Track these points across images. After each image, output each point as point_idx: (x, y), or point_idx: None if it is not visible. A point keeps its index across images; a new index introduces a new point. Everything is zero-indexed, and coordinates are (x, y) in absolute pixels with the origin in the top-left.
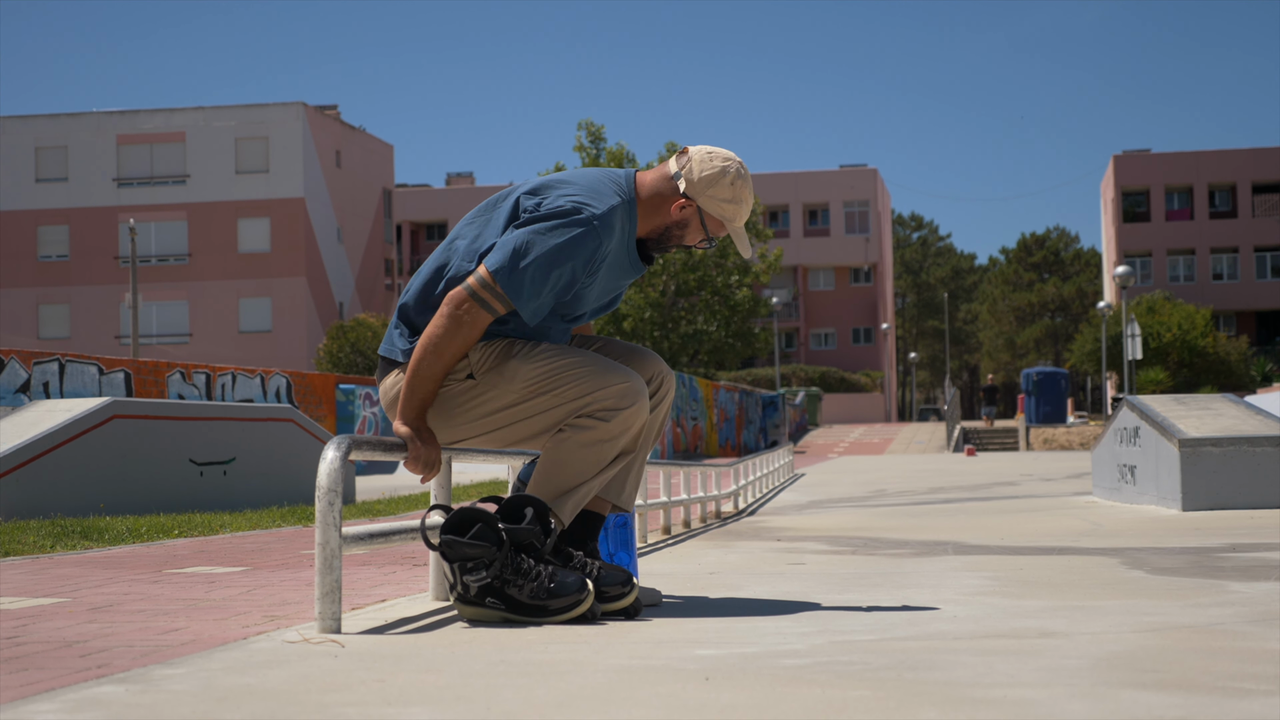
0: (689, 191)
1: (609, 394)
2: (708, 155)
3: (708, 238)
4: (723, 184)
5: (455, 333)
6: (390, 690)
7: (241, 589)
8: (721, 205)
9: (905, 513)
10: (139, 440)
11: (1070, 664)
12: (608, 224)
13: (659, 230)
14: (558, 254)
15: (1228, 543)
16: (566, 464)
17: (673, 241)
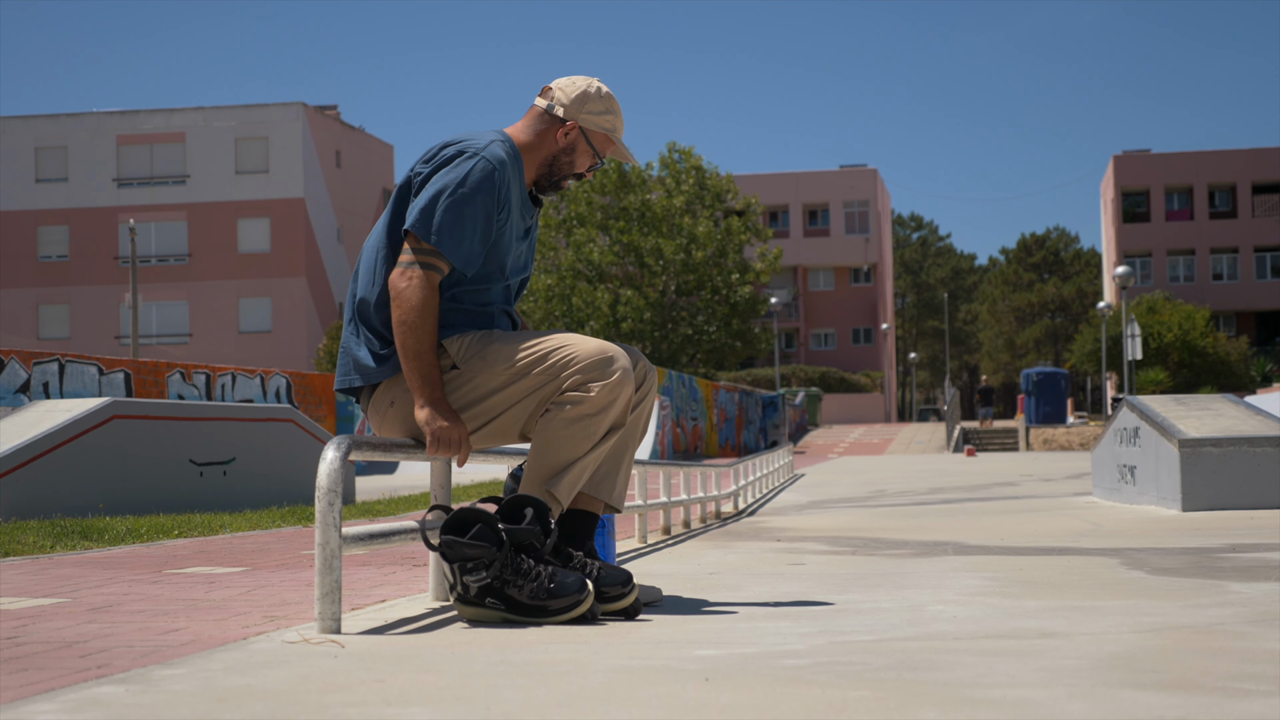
0: (567, 115)
1: (593, 364)
2: (569, 81)
3: (597, 157)
4: (594, 99)
5: (415, 302)
6: (390, 690)
7: (241, 589)
8: (599, 118)
9: (905, 513)
10: (139, 440)
11: (1070, 664)
12: (496, 155)
13: (547, 163)
14: (463, 190)
15: (1228, 543)
16: (557, 443)
17: (563, 170)
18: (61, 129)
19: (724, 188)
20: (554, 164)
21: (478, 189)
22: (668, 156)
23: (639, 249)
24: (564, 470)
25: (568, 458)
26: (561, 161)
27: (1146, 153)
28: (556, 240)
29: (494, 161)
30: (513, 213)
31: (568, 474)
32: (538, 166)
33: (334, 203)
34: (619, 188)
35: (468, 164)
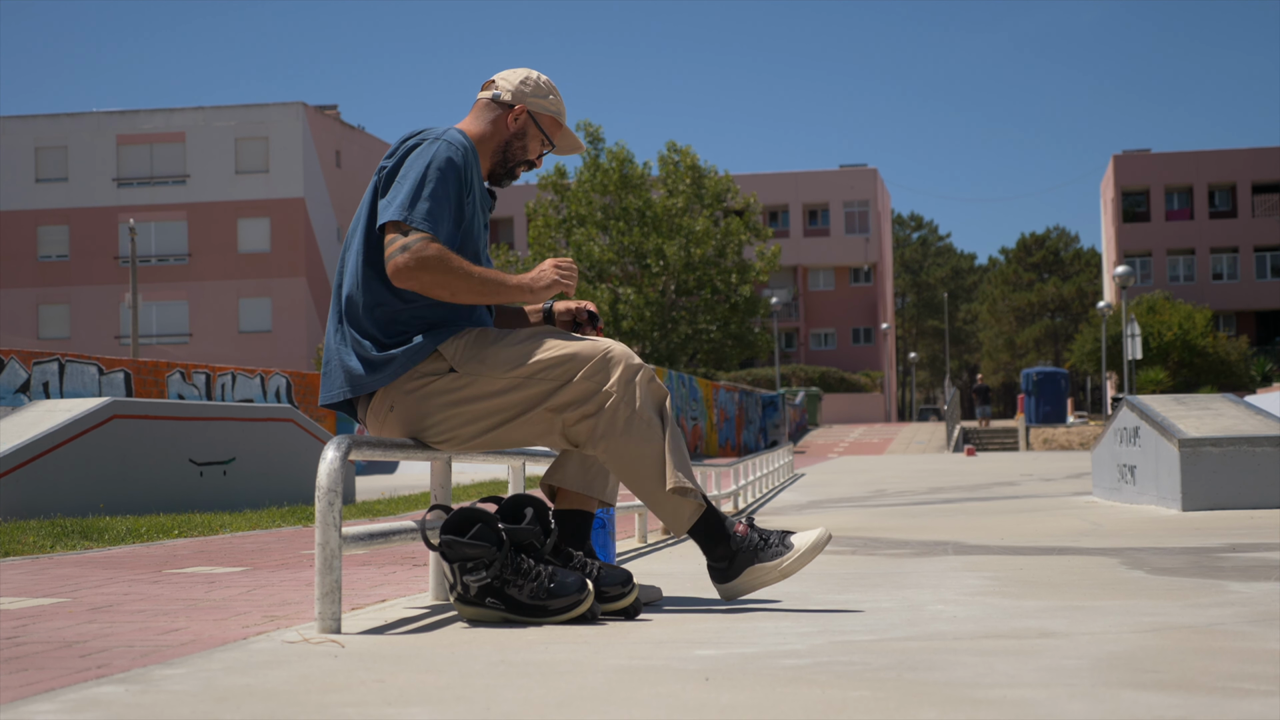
0: (515, 99)
1: (595, 366)
2: (510, 72)
3: (547, 142)
4: (536, 84)
5: (441, 272)
6: (390, 690)
7: (241, 589)
8: (545, 101)
9: (905, 513)
10: (139, 440)
11: (1070, 664)
12: (456, 141)
13: (500, 150)
14: (431, 172)
15: (1228, 543)
16: (636, 457)
17: (516, 157)
18: (61, 129)
19: (724, 187)
20: (507, 150)
21: (446, 170)
22: (666, 156)
23: (639, 249)
24: (663, 467)
25: (654, 455)
26: (514, 147)
27: (1146, 152)
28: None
29: (455, 144)
30: (476, 198)
31: (669, 467)
32: (491, 156)
33: (334, 203)
34: (619, 188)
35: (430, 149)
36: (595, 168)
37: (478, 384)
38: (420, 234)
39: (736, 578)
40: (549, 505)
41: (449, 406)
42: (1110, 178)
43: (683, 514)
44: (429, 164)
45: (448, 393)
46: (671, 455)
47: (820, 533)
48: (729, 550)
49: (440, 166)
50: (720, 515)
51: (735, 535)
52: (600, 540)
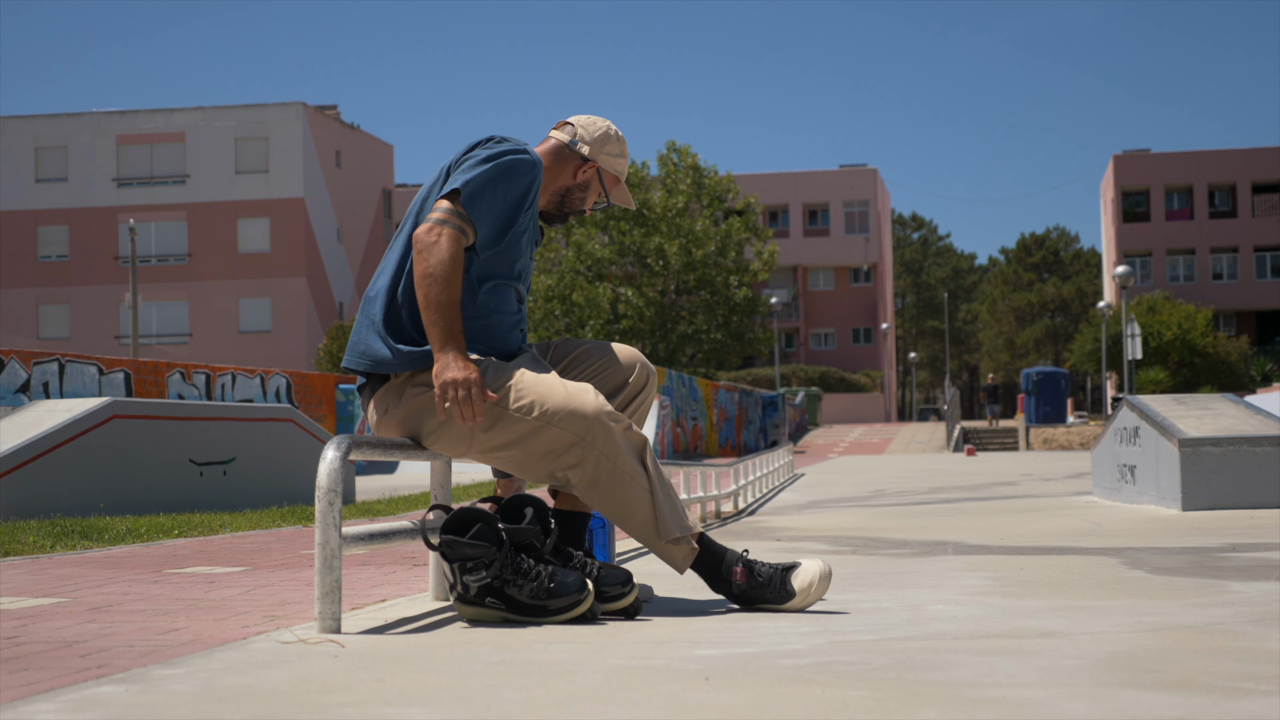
0: (591, 154)
1: (566, 416)
2: (590, 120)
3: (604, 196)
4: (613, 142)
5: (444, 255)
6: (390, 690)
7: (241, 589)
8: (615, 161)
9: (905, 512)
10: (139, 440)
11: (1070, 664)
12: (535, 154)
13: (559, 194)
14: (501, 173)
15: (1228, 543)
16: (626, 505)
17: (573, 205)
18: (61, 129)
19: (724, 187)
20: (566, 197)
21: (515, 174)
22: (666, 156)
23: (640, 248)
24: (654, 518)
25: (643, 504)
26: (574, 196)
27: (1146, 152)
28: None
29: (536, 165)
30: (532, 217)
31: (660, 519)
32: (549, 197)
33: (334, 202)
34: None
35: (513, 156)
36: None
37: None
38: (460, 220)
39: (750, 606)
40: (549, 505)
41: (438, 425)
42: (1110, 178)
43: (678, 558)
44: (503, 163)
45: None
46: (662, 505)
47: (819, 573)
48: (731, 593)
49: (509, 168)
50: (717, 552)
51: (734, 583)
52: (600, 540)
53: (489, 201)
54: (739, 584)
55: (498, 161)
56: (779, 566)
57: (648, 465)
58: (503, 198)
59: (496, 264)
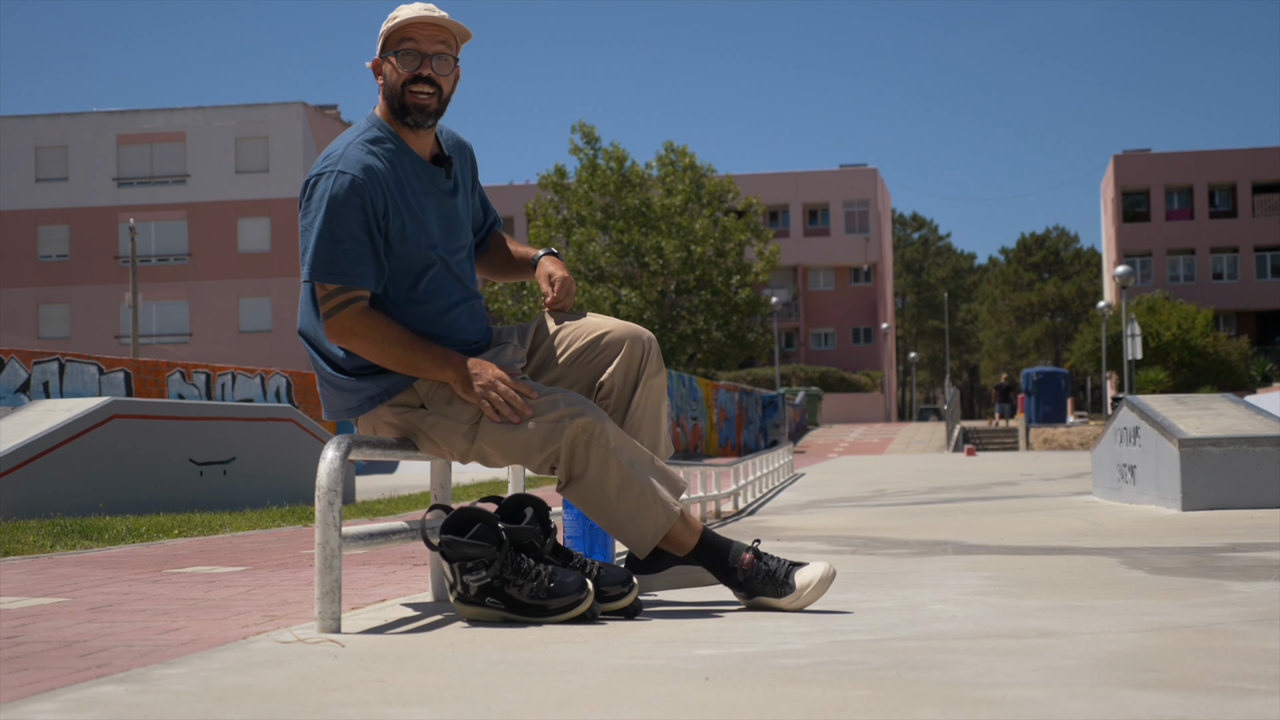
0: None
1: (547, 427)
2: None
3: (396, 53)
4: (382, 31)
5: (365, 339)
6: (390, 690)
7: (241, 589)
8: (381, 33)
9: (905, 512)
10: (139, 440)
11: (1070, 664)
12: (347, 161)
13: (391, 110)
14: (327, 218)
15: (1228, 543)
16: (612, 513)
17: (396, 92)
18: (61, 129)
19: (724, 188)
20: (388, 98)
21: (334, 212)
22: (665, 156)
23: (639, 248)
24: (636, 526)
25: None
26: (388, 91)
27: (1146, 152)
28: (557, 240)
29: (344, 171)
30: (408, 196)
31: (639, 526)
32: (394, 118)
33: None
34: (619, 187)
35: (317, 192)
36: (593, 168)
37: (447, 425)
38: (341, 295)
39: (751, 598)
40: (549, 505)
41: (430, 437)
42: (1110, 177)
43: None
44: (322, 212)
45: (426, 430)
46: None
47: (823, 573)
48: (735, 581)
49: (330, 211)
50: (720, 547)
51: (742, 569)
52: (600, 540)
53: (335, 259)
54: (745, 569)
55: (316, 221)
56: (786, 561)
57: (639, 447)
58: (343, 242)
59: (403, 267)
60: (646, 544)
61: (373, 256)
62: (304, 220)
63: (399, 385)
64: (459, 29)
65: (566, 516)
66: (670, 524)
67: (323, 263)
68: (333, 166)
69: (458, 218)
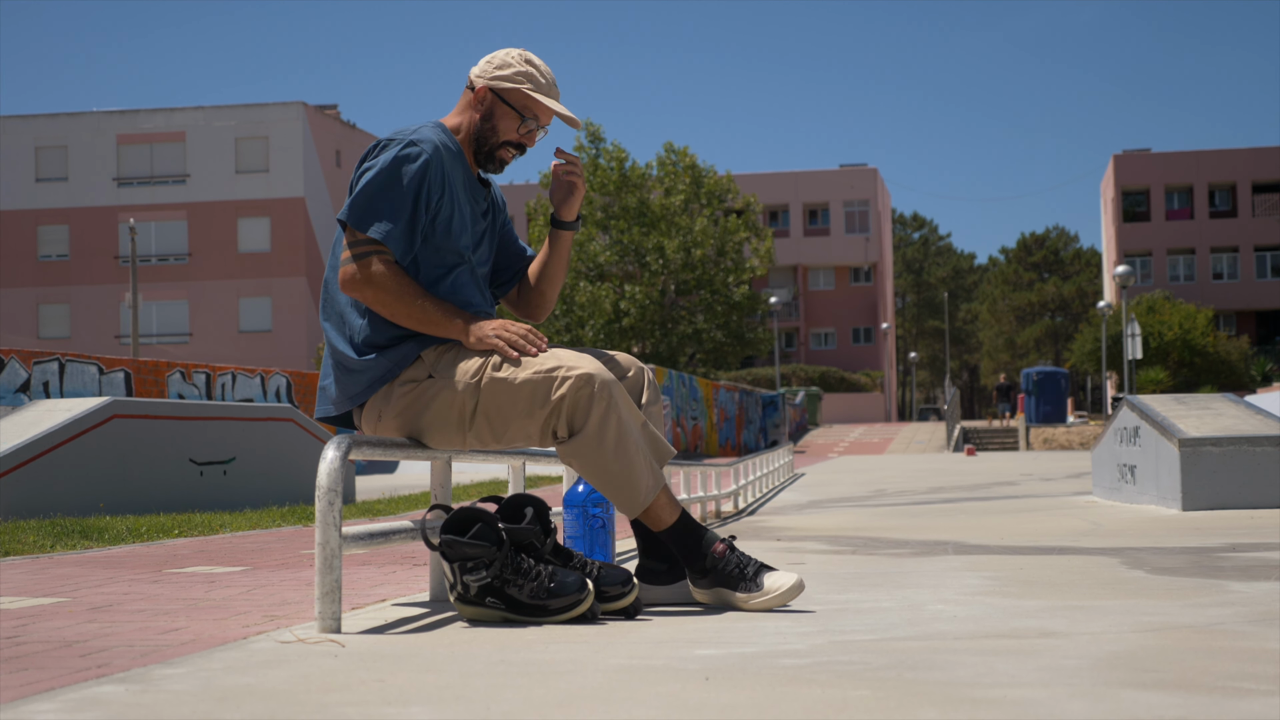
0: (476, 82)
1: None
2: (488, 56)
3: (520, 116)
4: (504, 60)
5: (374, 287)
6: (390, 690)
7: (241, 589)
8: (509, 75)
9: (905, 512)
10: (139, 440)
11: (1070, 664)
12: (424, 138)
13: (473, 137)
14: (388, 175)
15: (1228, 543)
16: (608, 471)
17: (489, 139)
18: (61, 129)
19: (723, 187)
20: (479, 136)
21: (396, 172)
22: (665, 157)
23: (639, 248)
24: (630, 484)
25: (627, 469)
26: (484, 130)
27: (1146, 152)
28: None
29: (417, 142)
30: (458, 194)
31: (633, 484)
32: (469, 145)
33: (334, 202)
34: (619, 187)
35: (394, 150)
36: (594, 168)
37: (450, 388)
38: (369, 245)
39: (708, 590)
40: (549, 505)
41: (435, 413)
42: (1110, 177)
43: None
44: (384, 166)
45: (431, 401)
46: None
47: (795, 582)
48: (701, 568)
49: (390, 168)
50: (696, 530)
51: (713, 555)
52: (600, 540)
53: (378, 215)
54: (716, 556)
55: (375, 171)
56: (757, 561)
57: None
58: (393, 201)
59: (436, 257)
60: (639, 504)
61: (409, 227)
62: (360, 169)
63: (406, 358)
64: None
65: (566, 516)
66: (658, 489)
67: (362, 212)
68: (408, 136)
69: (484, 235)
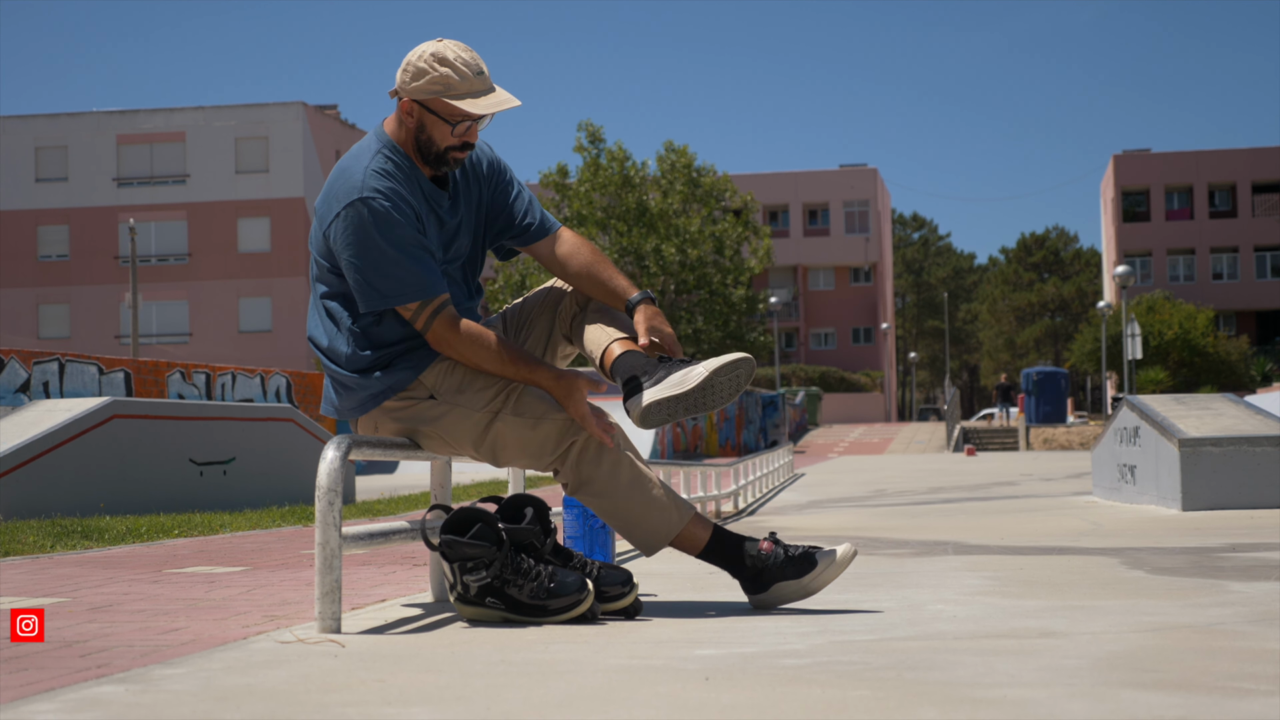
0: (401, 93)
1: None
2: (405, 59)
3: (456, 121)
4: (418, 68)
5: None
6: (390, 690)
7: (241, 589)
8: (426, 87)
9: (905, 512)
10: (139, 440)
11: (1070, 664)
12: (370, 186)
13: (415, 147)
14: (378, 238)
15: (1228, 543)
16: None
17: (433, 149)
18: (61, 129)
19: (721, 187)
20: (419, 146)
21: (384, 231)
22: (664, 156)
23: (639, 249)
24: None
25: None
26: (421, 140)
27: (1146, 152)
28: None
29: (371, 196)
30: (422, 214)
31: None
32: (414, 153)
33: None
34: (619, 188)
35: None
36: (596, 168)
37: (455, 413)
38: (427, 311)
39: (765, 591)
40: (549, 505)
41: (433, 431)
42: (1110, 177)
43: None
44: (367, 237)
45: (430, 420)
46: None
47: (845, 549)
48: (750, 573)
49: (376, 232)
50: (735, 539)
51: (760, 552)
52: (600, 540)
53: (404, 273)
54: (764, 553)
55: (362, 245)
56: (802, 546)
57: (642, 473)
58: (404, 253)
59: None
60: (659, 542)
61: (432, 259)
62: (349, 251)
63: (402, 382)
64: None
65: (566, 516)
66: (684, 522)
67: (393, 287)
68: (357, 195)
69: (455, 233)
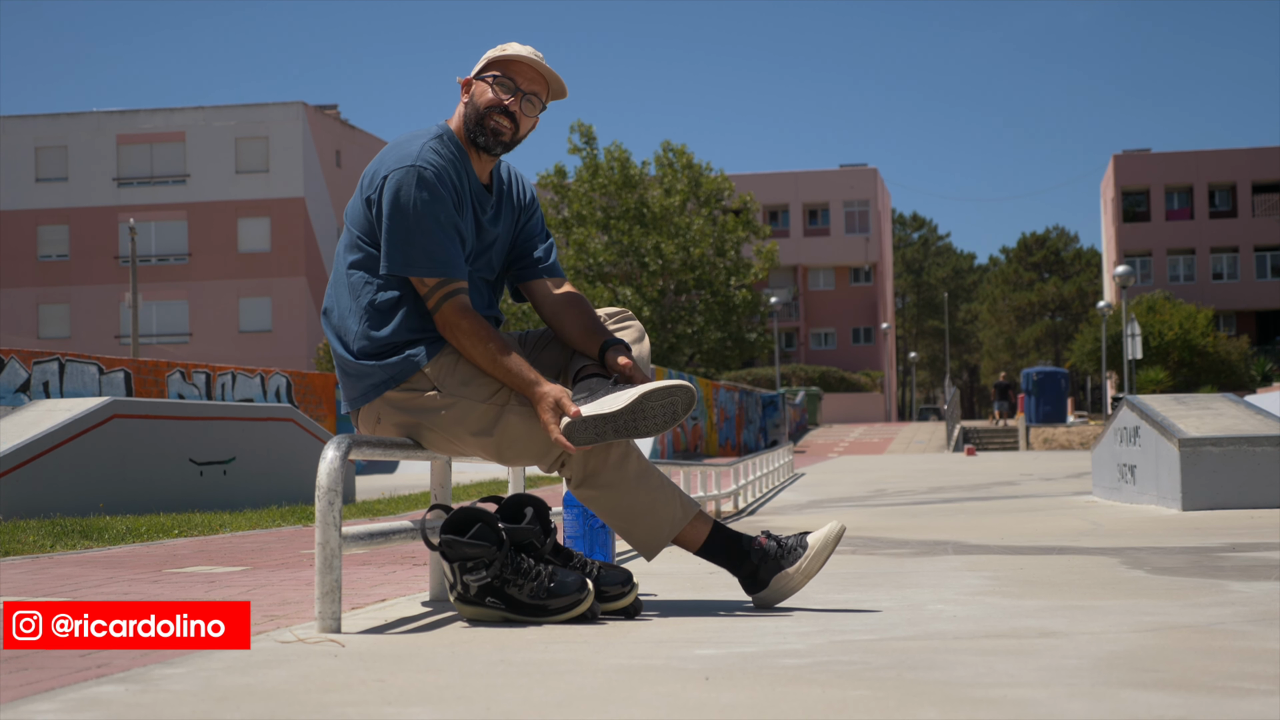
0: (469, 77)
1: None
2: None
3: (498, 84)
4: (487, 56)
5: (461, 330)
6: (390, 690)
7: (241, 589)
8: (486, 57)
9: (905, 512)
10: (139, 440)
11: (1070, 664)
12: (424, 157)
13: (467, 124)
14: (419, 209)
15: (1228, 543)
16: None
17: (488, 121)
18: (61, 129)
19: (720, 186)
20: (468, 119)
21: (427, 204)
22: (663, 156)
23: (639, 248)
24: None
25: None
26: (469, 111)
27: (1146, 152)
28: (556, 239)
29: (423, 167)
30: (465, 203)
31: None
32: (468, 139)
33: (334, 202)
34: (620, 187)
35: (401, 186)
36: (594, 168)
37: (460, 406)
38: (445, 292)
39: (765, 586)
40: (549, 505)
41: (435, 424)
42: (1110, 177)
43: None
44: (411, 206)
45: (432, 411)
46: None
47: (832, 527)
48: (750, 570)
49: (415, 201)
50: (734, 535)
51: (755, 549)
52: (600, 540)
53: (434, 249)
54: (759, 549)
55: (403, 212)
56: (794, 535)
57: (647, 468)
58: (439, 230)
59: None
60: (663, 536)
61: (461, 245)
62: (389, 209)
63: (405, 372)
64: (557, 84)
65: (566, 516)
66: (689, 517)
67: (420, 256)
68: (410, 162)
69: (491, 246)
